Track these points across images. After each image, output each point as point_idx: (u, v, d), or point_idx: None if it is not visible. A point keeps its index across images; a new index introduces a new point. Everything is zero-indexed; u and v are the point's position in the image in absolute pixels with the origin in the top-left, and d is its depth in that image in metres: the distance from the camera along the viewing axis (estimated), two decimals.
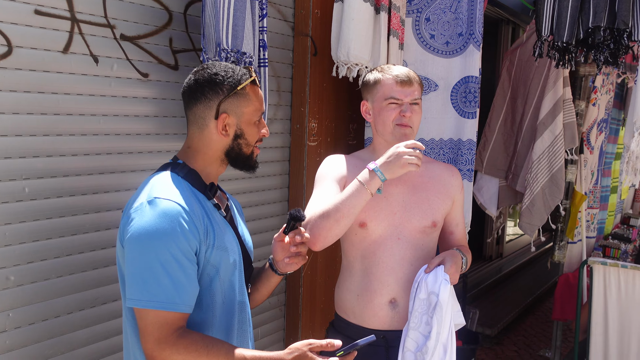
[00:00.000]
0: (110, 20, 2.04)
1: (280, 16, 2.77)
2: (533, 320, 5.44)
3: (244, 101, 1.54)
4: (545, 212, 3.41)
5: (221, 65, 1.56)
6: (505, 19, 5.75)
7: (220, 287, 1.51)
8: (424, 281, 1.83)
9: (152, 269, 1.37)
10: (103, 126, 2.06)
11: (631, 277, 2.81)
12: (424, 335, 1.82)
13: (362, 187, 1.76)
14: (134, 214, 1.42)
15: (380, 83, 1.92)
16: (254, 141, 1.59)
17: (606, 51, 2.51)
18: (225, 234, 1.54)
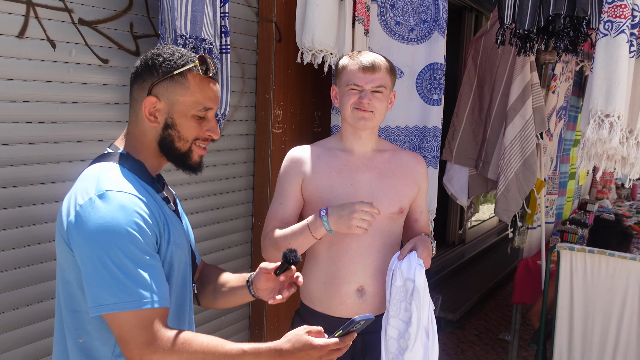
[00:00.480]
0: (68, 4, 1.98)
1: (244, 2, 2.73)
2: (494, 304, 5.57)
3: (180, 89, 1.37)
4: (520, 197, 3.46)
5: (169, 48, 1.41)
6: (469, 7, 5.81)
7: (175, 285, 1.41)
8: (398, 268, 1.84)
9: (122, 267, 1.23)
10: (62, 113, 2.00)
11: (597, 262, 2.89)
12: (405, 322, 1.84)
13: (309, 232, 1.82)
14: (83, 211, 1.27)
15: (346, 69, 1.93)
16: (191, 137, 1.40)
17: (566, 39, 2.56)
18: (177, 229, 1.43)
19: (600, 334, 2.91)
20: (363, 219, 1.75)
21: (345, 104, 1.92)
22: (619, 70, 2.20)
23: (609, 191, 6.40)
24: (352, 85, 1.90)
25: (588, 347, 2.94)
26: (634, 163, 2.42)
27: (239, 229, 2.86)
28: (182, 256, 1.43)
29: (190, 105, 1.38)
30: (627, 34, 2.19)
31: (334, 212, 1.79)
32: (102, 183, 1.30)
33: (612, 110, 2.22)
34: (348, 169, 1.97)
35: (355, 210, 1.75)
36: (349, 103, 1.91)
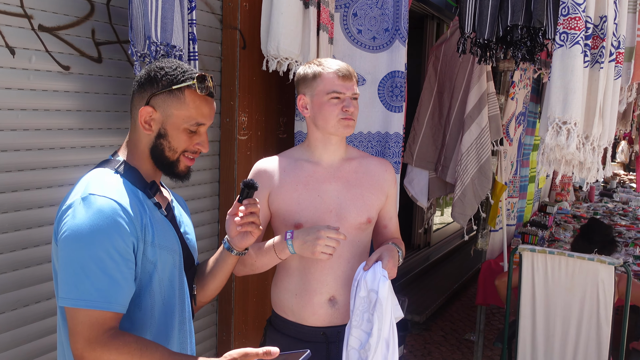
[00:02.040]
0: (28, 10, 1.95)
1: (208, 9, 2.73)
2: (459, 305, 5.66)
3: (176, 102, 1.47)
4: (476, 201, 3.54)
5: (172, 63, 1.50)
6: (430, 15, 5.91)
7: (160, 287, 1.47)
8: (363, 279, 1.85)
9: (85, 267, 1.31)
10: (22, 121, 1.97)
11: (557, 263, 2.98)
12: (367, 333, 1.84)
13: (274, 253, 1.85)
14: (67, 212, 1.36)
15: (321, 77, 1.90)
16: (180, 149, 1.50)
17: (523, 48, 2.64)
18: (166, 232, 1.49)
19: (561, 333, 3.00)
20: (327, 245, 1.76)
21: (329, 114, 1.89)
22: (575, 79, 2.28)
23: (568, 193, 6.59)
24: (333, 94, 1.88)
25: (550, 345, 3.03)
26: (590, 167, 2.51)
27: (205, 235, 2.86)
28: (169, 259, 1.49)
29: (184, 120, 1.47)
30: (582, 44, 2.28)
31: (299, 236, 1.80)
32: (89, 187, 1.39)
33: (569, 117, 2.30)
34: (314, 180, 1.96)
35: (320, 237, 1.75)
36: (334, 114, 1.89)
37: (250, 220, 1.58)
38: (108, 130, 2.28)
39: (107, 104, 2.26)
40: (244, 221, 1.57)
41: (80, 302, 1.31)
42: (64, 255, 1.34)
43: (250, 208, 1.58)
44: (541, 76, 4.45)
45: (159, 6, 2.05)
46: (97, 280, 1.31)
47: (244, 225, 1.58)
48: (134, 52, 2.14)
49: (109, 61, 2.24)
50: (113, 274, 1.33)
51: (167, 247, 1.48)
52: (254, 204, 1.59)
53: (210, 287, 1.70)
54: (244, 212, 1.57)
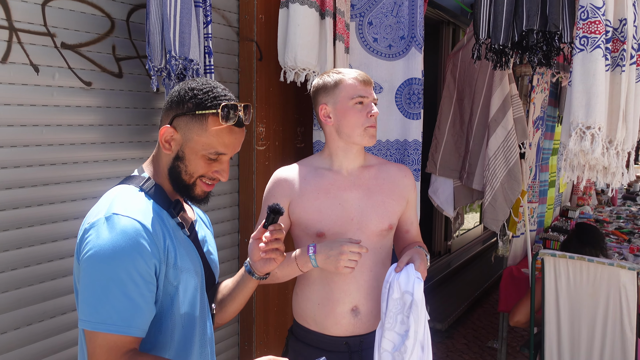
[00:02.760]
0: (51, 29, 2.00)
1: (225, 22, 2.77)
2: (481, 312, 5.61)
3: (198, 128, 1.41)
4: (507, 206, 3.51)
5: (207, 86, 1.45)
6: (446, 21, 5.90)
7: (181, 309, 1.44)
8: (395, 281, 1.83)
9: (106, 289, 1.29)
10: (46, 137, 2.02)
11: (578, 268, 2.94)
12: (400, 335, 1.83)
13: (296, 265, 1.85)
14: (90, 230, 1.33)
15: (343, 83, 1.91)
16: (196, 174, 1.44)
17: (539, 53, 2.63)
18: (188, 254, 1.46)
19: (587, 339, 2.95)
20: (351, 260, 1.76)
21: (356, 120, 1.90)
22: (597, 83, 2.25)
23: (590, 197, 6.50)
24: (357, 98, 1.89)
25: (576, 352, 2.99)
26: (615, 172, 2.48)
27: (225, 245, 2.88)
28: (191, 281, 1.45)
29: (203, 146, 1.42)
30: (603, 48, 2.25)
31: (322, 250, 1.79)
32: (113, 206, 1.36)
33: (592, 122, 2.27)
34: (335, 188, 1.96)
35: (343, 252, 1.75)
36: (360, 122, 1.90)
37: (275, 247, 1.54)
38: (129, 143, 2.32)
39: (128, 117, 2.31)
40: (268, 247, 1.54)
41: (100, 326, 1.29)
42: (86, 276, 1.32)
43: (275, 234, 1.53)
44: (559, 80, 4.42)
45: (177, 21, 2.08)
46: (118, 303, 1.29)
47: (268, 252, 1.54)
48: (151, 67, 2.18)
49: (129, 76, 2.29)
50: (134, 297, 1.30)
51: (189, 270, 1.45)
52: (279, 230, 1.54)
53: (229, 309, 1.67)
54: (269, 239, 1.53)
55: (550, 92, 4.55)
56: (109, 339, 1.29)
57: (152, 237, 1.34)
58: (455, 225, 4.19)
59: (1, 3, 1.85)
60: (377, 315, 1.97)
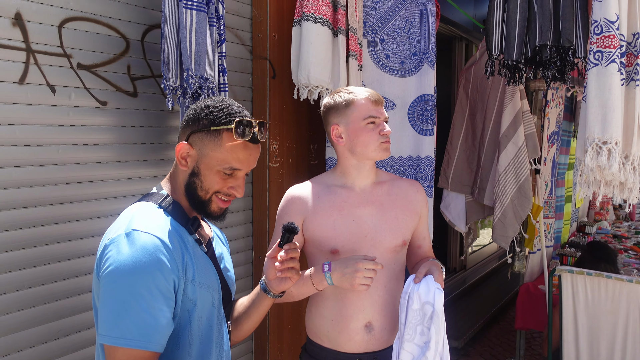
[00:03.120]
0: (67, 50, 2.04)
1: (238, 40, 2.80)
2: (498, 330, 5.54)
3: (212, 144, 1.43)
4: (517, 222, 3.48)
5: (222, 103, 1.47)
6: (459, 36, 5.91)
7: (198, 325, 1.45)
8: (415, 292, 1.82)
9: (126, 305, 1.30)
10: (62, 156, 2.04)
11: (596, 284, 2.91)
12: (419, 346, 1.81)
13: (311, 283, 1.83)
14: (110, 246, 1.35)
15: (355, 104, 1.92)
16: (212, 190, 1.46)
17: (553, 68, 2.62)
18: (206, 270, 1.48)
19: (606, 357, 2.90)
20: (366, 277, 1.75)
21: (369, 140, 1.91)
22: (613, 97, 2.23)
23: (607, 212, 6.42)
24: (369, 119, 1.90)
25: None
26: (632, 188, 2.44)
27: (239, 262, 2.88)
28: (208, 297, 1.46)
29: (218, 162, 1.44)
30: (618, 63, 2.24)
31: (337, 268, 1.78)
32: (133, 222, 1.38)
33: (609, 137, 2.25)
34: (349, 205, 1.96)
35: (358, 269, 1.74)
36: (373, 139, 1.91)
37: (290, 266, 1.54)
38: (144, 162, 2.34)
39: (142, 136, 2.33)
40: (284, 267, 1.54)
41: (120, 341, 1.29)
42: (106, 291, 1.33)
43: (290, 253, 1.54)
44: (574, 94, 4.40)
45: (192, 40, 2.11)
46: (138, 318, 1.30)
47: (284, 271, 1.55)
48: (166, 86, 2.20)
49: (144, 95, 2.31)
50: (154, 313, 1.31)
51: (207, 286, 1.46)
52: (294, 249, 1.54)
53: (244, 327, 1.68)
54: (284, 258, 1.54)
55: (565, 106, 4.52)
56: (129, 354, 1.30)
57: (171, 253, 1.36)
58: (467, 241, 4.16)
59: (19, 26, 1.89)
60: (391, 331, 1.95)
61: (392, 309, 1.98)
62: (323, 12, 2.60)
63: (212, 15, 2.21)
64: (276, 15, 2.88)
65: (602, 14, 2.22)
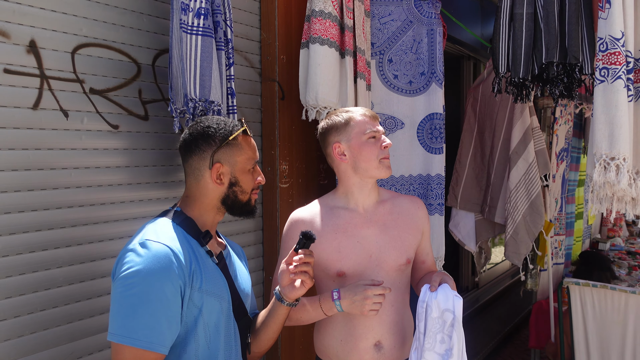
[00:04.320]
0: (80, 75, 2.08)
1: (248, 63, 2.84)
2: (512, 349, 5.48)
3: (236, 150, 1.63)
4: (530, 239, 3.47)
5: (213, 119, 1.66)
6: (466, 55, 5.94)
7: (205, 331, 1.53)
8: (434, 300, 1.82)
9: (135, 306, 1.40)
10: (74, 179, 2.07)
11: (603, 296, 2.92)
12: (440, 355, 1.81)
13: (321, 310, 1.85)
14: (125, 256, 1.48)
15: (354, 120, 1.96)
16: (250, 188, 1.66)
17: (560, 85, 2.63)
18: (214, 280, 1.57)
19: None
20: (377, 302, 1.76)
21: (371, 154, 1.94)
22: (620, 114, 2.24)
23: (620, 229, 6.37)
24: (370, 133, 1.94)
25: None
26: None
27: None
28: (215, 305, 1.56)
29: (246, 162, 1.65)
30: (624, 79, 2.25)
31: (346, 295, 1.80)
32: (146, 234, 1.51)
33: (617, 153, 2.25)
34: (353, 226, 1.98)
35: (367, 297, 1.76)
36: (375, 154, 1.94)
37: (304, 270, 1.61)
38: (155, 184, 2.36)
39: (154, 159, 2.35)
40: (298, 270, 1.60)
41: (126, 340, 1.39)
42: (118, 293, 1.44)
43: (305, 258, 1.62)
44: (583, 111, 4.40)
45: (197, 64, 2.14)
46: (145, 320, 1.40)
47: (297, 274, 1.61)
48: (173, 109, 2.23)
49: (155, 118, 2.35)
50: (160, 316, 1.41)
51: (214, 294, 1.55)
52: (309, 254, 1.63)
53: (263, 338, 1.74)
54: (299, 261, 1.61)
55: (574, 123, 4.52)
56: (135, 353, 1.39)
57: (179, 261, 1.47)
58: (480, 261, 4.13)
59: (33, 53, 1.93)
60: (400, 349, 1.95)
61: (401, 327, 1.98)
62: (330, 34, 2.64)
63: (220, 39, 2.24)
64: (285, 38, 2.92)
65: (607, 31, 2.24)
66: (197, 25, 2.13)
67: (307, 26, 2.67)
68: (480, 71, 5.91)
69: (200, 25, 2.14)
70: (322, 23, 2.62)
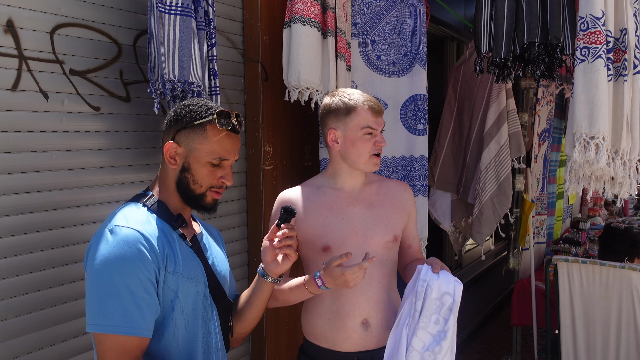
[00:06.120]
0: (59, 56, 2.05)
1: (230, 44, 2.82)
2: (494, 327, 5.57)
3: (199, 137, 1.54)
4: (495, 220, 3.51)
5: (198, 101, 1.59)
6: (450, 36, 5.94)
7: (182, 315, 1.52)
8: (435, 281, 1.84)
9: (110, 293, 1.38)
10: (56, 162, 2.05)
11: (590, 271, 2.99)
12: (432, 335, 1.83)
13: (306, 291, 1.84)
14: (95, 243, 1.45)
15: (356, 112, 1.94)
16: (205, 183, 1.56)
17: (542, 65, 2.65)
18: (189, 262, 1.55)
19: (602, 342, 2.99)
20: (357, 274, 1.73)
21: (363, 150, 1.94)
22: (600, 93, 2.27)
23: (601, 208, 6.47)
24: (367, 129, 1.93)
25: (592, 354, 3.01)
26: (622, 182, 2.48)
27: (235, 265, 2.89)
28: (192, 288, 1.54)
29: (206, 153, 1.54)
30: (604, 58, 2.27)
31: (328, 280, 1.77)
32: (116, 220, 1.48)
33: (596, 132, 2.28)
34: (339, 204, 2.00)
35: (347, 280, 1.72)
36: (367, 150, 1.94)
37: (288, 244, 1.62)
38: (138, 166, 2.35)
39: (135, 141, 2.34)
40: (282, 244, 1.62)
41: (106, 328, 1.37)
42: (91, 282, 1.41)
43: (289, 232, 1.63)
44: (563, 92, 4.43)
45: (175, 45, 2.10)
46: (121, 305, 1.38)
47: (282, 248, 1.62)
48: (152, 91, 2.21)
49: (137, 100, 2.32)
50: (136, 300, 1.39)
51: (190, 277, 1.53)
52: (291, 229, 1.64)
53: (247, 317, 1.73)
54: (282, 236, 1.62)
55: (556, 104, 4.56)
56: (117, 340, 1.37)
57: (151, 244, 1.44)
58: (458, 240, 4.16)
59: (11, 33, 1.90)
60: (387, 328, 1.97)
61: (387, 305, 2.00)
62: (312, 14, 2.62)
63: (201, 19, 2.21)
64: (267, 18, 2.90)
65: (587, 10, 2.26)
66: (175, 5, 2.10)
67: (289, 5, 2.65)
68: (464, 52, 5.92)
69: (178, 4, 2.10)
70: (304, 2, 2.60)
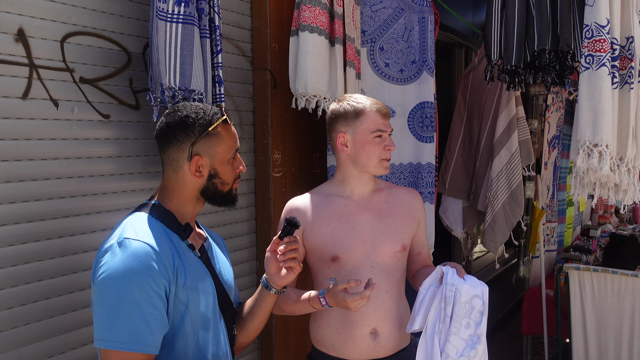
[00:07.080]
0: (69, 64, 2.06)
1: (239, 51, 2.82)
2: (504, 336, 5.52)
3: (216, 141, 1.55)
4: (508, 228, 3.49)
5: (192, 107, 1.57)
6: (458, 43, 5.93)
7: (192, 327, 1.49)
8: (463, 284, 1.82)
9: (118, 308, 1.35)
10: (66, 169, 2.05)
11: (602, 280, 2.96)
12: (464, 340, 1.81)
13: (311, 306, 1.85)
14: (104, 256, 1.41)
15: (365, 115, 1.94)
16: (230, 179, 1.59)
17: (552, 72, 2.63)
18: (198, 274, 1.52)
19: (614, 351, 2.97)
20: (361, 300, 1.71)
21: (373, 153, 1.94)
22: (603, 101, 2.26)
23: (611, 216, 6.42)
24: (377, 132, 1.93)
25: None
26: (626, 189, 2.47)
27: (243, 273, 2.89)
28: (201, 300, 1.51)
29: (226, 152, 1.57)
30: (609, 66, 2.26)
31: (331, 301, 1.77)
32: (125, 231, 1.44)
33: (599, 139, 2.28)
34: (347, 213, 1.99)
35: (350, 307, 1.71)
36: (377, 154, 1.94)
37: (292, 257, 1.60)
38: (147, 174, 2.35)
39: (144, 148, 2.34)
40: (286, 257, 1.59)
41: (112, 344, 1.34)
42: (99, 297, 1.39)
43: (291, 245, 1.60)
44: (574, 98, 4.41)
45: (177, 52, 2.09)
46: (129, 322, 1.35)
47: (286, 261, 1.60)
48: (152, 98, 2.21)
49: (146, 107, 2.33)
50: (145, 316, 1.36)
51: (199, 289, 1.51)
52: (294, 241, 1.61)
53: (250, 327, 1.72)
54: (285, 250, 1.59)
55: (566, 110, 4.53)
56: (122, 357, 1.34)
57: (161, 258, 1.41)
58: (467, 246, 4.16)
59: (22, 41, 1.91)
60: (396, 339, 1.96)
61: (396, 314, 1.98)
62: (320, 22, 2.62)
63: (205, 26, 2.21)
64: (276, 26, 2.90)
65: (592, 18, 2.25)
66: (177, 13, 2.09)
67: (296, 13, 2.66)
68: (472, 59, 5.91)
69: (180, 12, 2.09)
70: (311, 10, 2.60)
